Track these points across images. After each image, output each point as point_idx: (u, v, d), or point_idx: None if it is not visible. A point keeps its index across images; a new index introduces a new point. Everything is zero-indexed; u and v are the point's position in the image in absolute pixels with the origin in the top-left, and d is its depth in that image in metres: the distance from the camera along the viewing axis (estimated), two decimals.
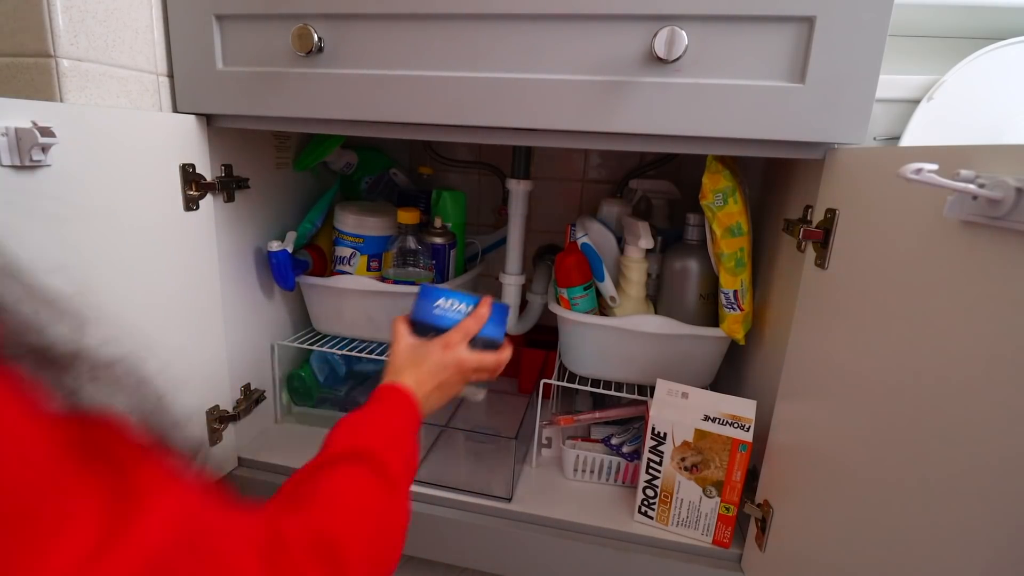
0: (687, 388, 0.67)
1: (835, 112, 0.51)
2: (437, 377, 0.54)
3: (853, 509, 0.45)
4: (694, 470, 0.65)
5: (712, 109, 0.53)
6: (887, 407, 0.42)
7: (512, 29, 0.56)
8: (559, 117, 0.56)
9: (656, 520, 0.69)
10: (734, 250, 0.67)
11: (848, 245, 0.51)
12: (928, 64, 0.74)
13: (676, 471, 0.66)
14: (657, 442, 0.66)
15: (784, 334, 0.61)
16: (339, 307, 0.88)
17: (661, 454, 0.66)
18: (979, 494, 0.32)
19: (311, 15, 0.59)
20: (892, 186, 0.44)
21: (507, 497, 0.73)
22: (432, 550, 0.74)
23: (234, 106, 0.64)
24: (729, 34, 0.52)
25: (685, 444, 0.64)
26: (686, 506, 0.67)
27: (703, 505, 0.66)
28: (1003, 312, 0.32)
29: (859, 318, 0.47)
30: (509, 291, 0.93)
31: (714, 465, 0.64)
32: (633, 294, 0.78)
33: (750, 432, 0.62)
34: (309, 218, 0.86)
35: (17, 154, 0.44)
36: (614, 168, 1.04)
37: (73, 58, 0.54)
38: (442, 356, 0.55)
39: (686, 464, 0.65)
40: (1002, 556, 0.30)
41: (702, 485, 0.65)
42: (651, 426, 0.66)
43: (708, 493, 0.65)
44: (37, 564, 0.16)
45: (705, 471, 0.65)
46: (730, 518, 0.65)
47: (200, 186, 0.66)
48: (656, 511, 0.69)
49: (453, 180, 1.11)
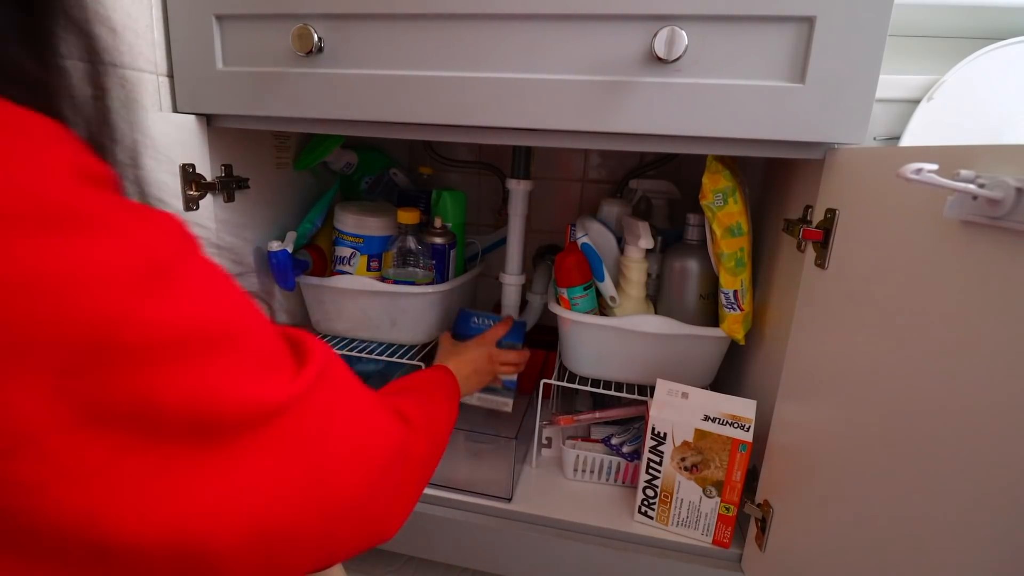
0: (687, 388, 0.67)
1: (835, 112, 0.51)
2: (473, 364, 0.71)
3: (853, 509, 0.45)
4: (694, 470, 0.65)
5: (712, 109, 0.53)
6: (887, 407, 0.42)
7: (512, 29, 0.56)
8: (559, 117, 0.56)
9: (656, 520, 0.69)
10: (734, 250, 0.67)
11: (848, 245, 0.51)
12: (928, 64, 0.74)
13: (676, 471, 0.66)
14: (657, 442, 0.66)
15: (784, 334, 0.61)
16: (339, 307, 0.87)
17: (661, 454, 0.66)
18: (979, 494, 0.32)
19: (311, 15, 0.59)
20: (892, 186, 0.44)
21: (507, 497, 0.73)
22: (432, 550, 0.74)
23: (234, 106, 0.64)
24: (729, 34, 0.52)
25: (685, 444, 0.65)
26: (686, 506, 0.67)
27: (703, 505, 0.66)
28: (1003, 312, 0.32)
29: (859, 318, 0.47)
30: (509, 291, 0.93)
31: (714, 465, 0.64)
32: (633, 294, 0.78)
33: (750, 432, 0.62)
34: (309, 218, 0.86)
35: None
36: (614, 168, 1.04)
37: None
38: (477, 349, 0.74)
39: (686, 464, 0.65)
40: (1002, 555, 0.30)
41: (702, 485, 0.65)
42: (651, 426, 0.66)
43: (708, 493, 0.65)
44: (275, 378, 0.25)
45: (705, 471, 0.65)
46: (730, 518, 0.65)
47: (200, 186, 0.66)
48: (656, 511, 0.69)
49: (453, 180, 1.11)
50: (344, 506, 0.29)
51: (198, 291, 0.22)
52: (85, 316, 0.18)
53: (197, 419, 0.21)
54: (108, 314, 0.18)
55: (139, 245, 0.19)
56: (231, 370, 0.23)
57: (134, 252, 0.19)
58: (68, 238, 0.17)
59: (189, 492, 0.21)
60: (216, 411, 0.22)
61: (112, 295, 0.18)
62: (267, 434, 0.24)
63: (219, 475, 0.22)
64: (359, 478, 0.30)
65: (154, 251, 0.20)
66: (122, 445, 0.19)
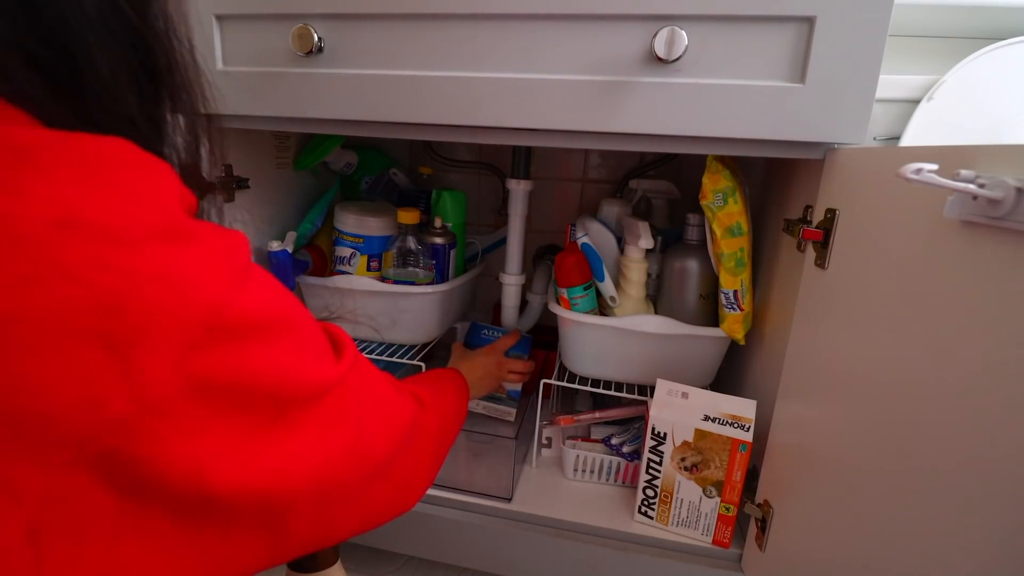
0: (687, 388, 0.67)
1: (835, 112, 0.51)
2: (483, 368, 0.77)
3: (853, 509, 0.45)
4: (694, 470, 0.65)
5: (712, 109, 0.53)
6: (887, 407, 0.42)
7: (512, 29, 0.56)
8: (559, 117, 0.56)
9: (656, 520, 0.69)
10: (734, 250, 0.67)
11: (848, 245, 0.51)
12: (928, 64, 0.74)
13: (676, 471, 0.66)
14: (657, 442, 0.66)
15: (784, 334, 0.61)
16: (339, 307, 0.87)
17: (661, 454, 0.66)
18: (979, 493, 0.32)
19: (311, 15, 0.59)
20: (892, 186, 0.44)
21: (507, 497, 0.73)
22: (432, 550, 0.74)
23: (234, 106, 0.64)
24: (729, 34, 0.52)
25: (685, 444, 0.65)
26: (686, 506, 0.67)
27: (703, 505, 0.66)
28: (1003, 312, 0.32)
29: (859, 318, 0.47)
30: (509, 291, 0.93)
31: (714, 465, 0.64)
32: (633, 294, 0.78)
33: (750, 432, 0.62)
34: (309, 218, 0.86)
35: None
36: (614, 168, 1.04)
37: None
38: (487, 356, 0.80)
39: (686, 464, 0.65)
40: (1002, 555, 0.30)
41: (702, 485, 0.65)
42: (651, 426, 0.66)
43: (708, 493, 0.65)
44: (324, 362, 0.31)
45: (705, 471, 0.65)
46: (730, 518, 0.65)
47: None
48: (656, 511, 0.69)
49: (453, 180, 1.11)
50: (378, 464, 0.36)
51: (269, 287, 0.28)
52: (201, 301, 0.23)
53: (275, 391, 0.27)
54: (216, 301, 0.23)
55: (228, 252, 0.25)
56: (297, 352, 0.28)
57: (226, 257, 0.25)
58: (184, 247, 0.23)
59: (270, 452, 0.27)
60: (289, 385, 0.27)
61: (217, 287, 0.24)
62: (322, 406, 0.30)
63: (291, 438, 0.28)
64: (388, 441, 0.37)
65: (237, 257, 0.26)
66: (221, 411, 0.24)
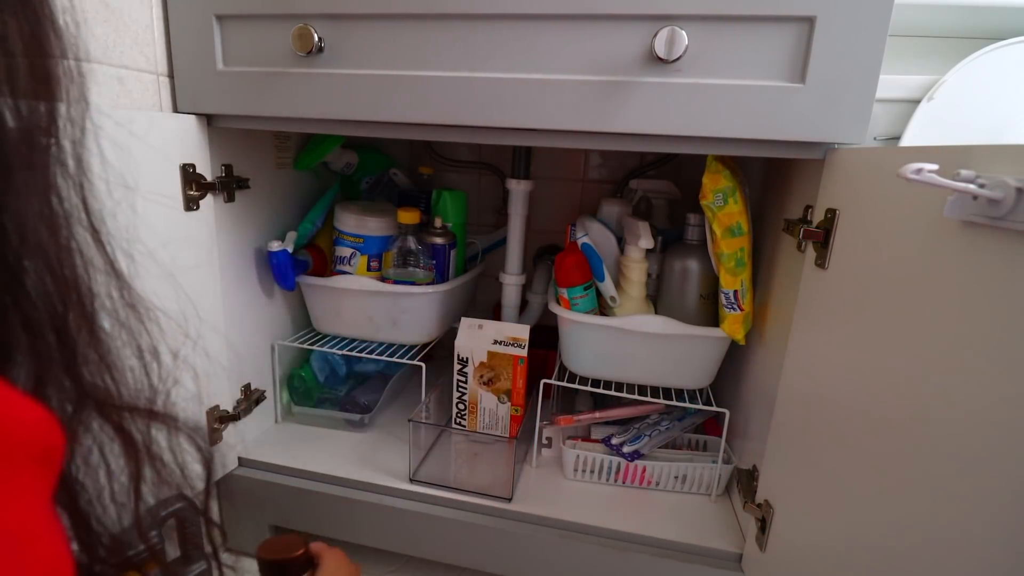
0: (482, 321, 0.82)
1: (835, 112, 0.51)
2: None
3: (853, 508, 0.45)
4: (490, 383, 0.81)
5: (712, 109, 0.53)
6: (887, 406, 0.42)
7: (512, 29, 0.56)
8: (559, 117, 0.56)
9: (467, 427, 0.84)
10: (734, 250, 0.67)
11: (848, 245, 0.51)
12: (928, 64, 0.74)
13: (478, 386, 0.82)
14: (462, 365, 0.81)
15: (784, 334, 0.61)
16: (339, 307, 0.87)
17: (466, 375, 0.82)
18: (979, 493, 0.32)
19: (311, 15, 0.59)
20: (892, 186, 0.44)
21: (507, 497, 0.73)
22: (432, 550, 0.74)
23: (234, 106, 0.64)
24: (729, 34, 0.52)
25: (482, 364, 0.80)
26: (488, 414, 0.83)
27: (500, 411, 0.82)
28: (1003, 312, 0.32)
29: (859, 318, 0.47)
30: (509, 291, 0.93)
31: (503, 377, 0.80)
32: (633, 294, 0.78)
33: (525, 349, 0.79)
34: (309, 218, 0.86)
35: None
36: (614, 168, 1.04)
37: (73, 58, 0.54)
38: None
39: (484, 379, 0.81)
40: (1002, 554, 0.30)
41: (496, 394, 0.81)
42: (456, 354, 0.81)
43: (501, 400, 0.81)
44: None
45: (498, 383, 0.81)
46: (518, 417, 0.82)
47: (200, 186, 0.66)
48: (467, 420, 0.84)
49: (453, 180, 1.11)
50: None
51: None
52: None
53: None
54: None
55: None
56: None
57: None
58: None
59: None
60: None
61: None
62: None
63: None
64: None
65: None
66: None
